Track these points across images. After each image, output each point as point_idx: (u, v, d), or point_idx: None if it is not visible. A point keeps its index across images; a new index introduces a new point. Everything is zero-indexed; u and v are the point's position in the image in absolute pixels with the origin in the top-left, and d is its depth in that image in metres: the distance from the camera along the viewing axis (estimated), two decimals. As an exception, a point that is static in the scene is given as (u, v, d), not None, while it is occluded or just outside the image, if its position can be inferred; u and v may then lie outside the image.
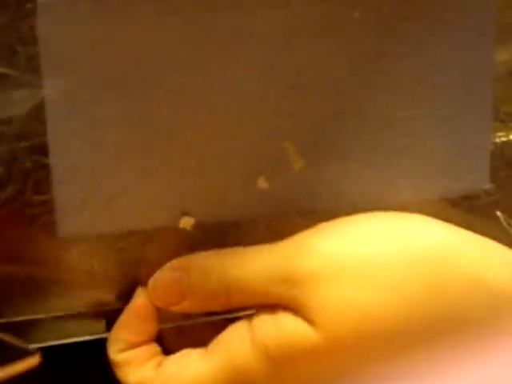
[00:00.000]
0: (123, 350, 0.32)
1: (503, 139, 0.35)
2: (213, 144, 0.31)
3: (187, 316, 0.33)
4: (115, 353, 0.32)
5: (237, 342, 0.32)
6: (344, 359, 0.30)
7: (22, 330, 0.32)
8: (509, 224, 0.36)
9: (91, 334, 0.33)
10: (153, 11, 0.29)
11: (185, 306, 0.32)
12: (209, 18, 0.30)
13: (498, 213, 0.36)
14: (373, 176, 0.33)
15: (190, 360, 0.32)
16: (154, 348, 0.33)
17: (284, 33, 0.31)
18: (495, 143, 0.35)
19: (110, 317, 0.33)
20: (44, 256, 0.31)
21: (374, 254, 0.30)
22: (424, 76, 0.33)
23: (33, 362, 0.32)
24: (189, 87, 0.31)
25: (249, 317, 0.32)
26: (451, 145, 0.34)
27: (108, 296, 0.33)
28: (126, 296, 0.33)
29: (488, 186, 0.35)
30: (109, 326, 0.33)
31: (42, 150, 0.30)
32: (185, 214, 0.32)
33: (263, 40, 0.31)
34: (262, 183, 0.32)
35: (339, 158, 0.33)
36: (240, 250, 0.32)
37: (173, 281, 0.32)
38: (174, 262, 0.32)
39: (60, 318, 0.33)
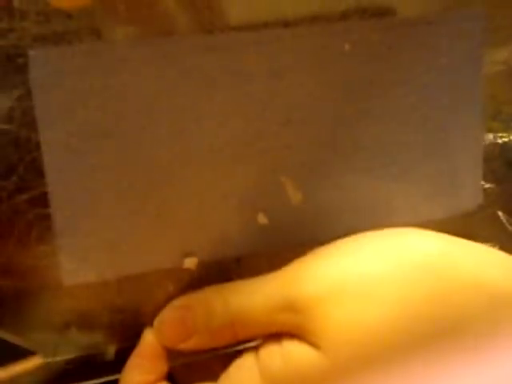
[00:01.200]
0: None
1: (504, 140, 0.36)
2: (211, 184, 0.32)
3: (196, 352, 0.33)
4: (128, 394, 0.33)
5: (246, 375, 0.32)
6: (351, 379, 0.30)
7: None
8: (510, 224, 0.37)
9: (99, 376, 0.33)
10: (144, 58, 0.30)
11: (192, 344, 0.32)
12: (200, 59, 0.30)
13: (500, 212, 0.36)
14: (370, 202, 0.34)
15: None
16: None
17: (276, 69, 0.31)
18: (495, 144, 0.36)
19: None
20: (48, 304, 0.32)
21: (371, 272, 0.30)
22: (415, 102, 0.33)
23: (34, 362, 0.32)
24: (184, 130, 0.31)
25: (255, 348, 0.32)
26: (444, 167, 0.34)
27: (111, 338, 0.33)
28: (132, 337, 0.33)
29: (481, 202, 0.36)
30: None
31: (43, 201, 0.30)
32: (188, 254, 0.32)
33: (255, 77, 0.31)
34: (262, 219, 0.33)
35: (336, 187, 0.33)
36: (241, 283, 0.32)
37: (177, 319, 0.32)
38: (178, 301, 0.33)
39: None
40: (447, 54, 0.33)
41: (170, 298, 0.33)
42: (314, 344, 0.30)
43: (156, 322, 0.33)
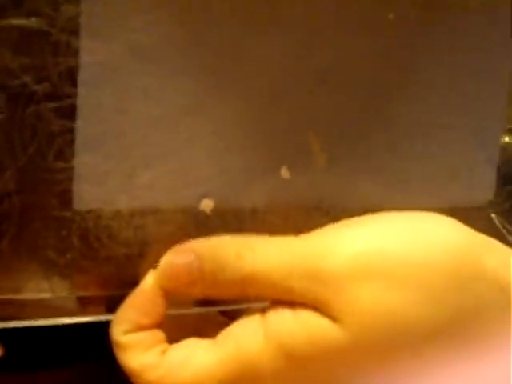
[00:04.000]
0: (128, 332, 0.31)
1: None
2: (241, 128, 0.31)
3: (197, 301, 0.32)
4: (120, 334, 0.31)
5: (248, 335, 0.30)
6: (368, 358, 0.29)
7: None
8: (503, 226, 0.37)
9: (91, 316, 0.32)
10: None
11: (195, 292, 0.31)
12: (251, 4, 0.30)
13: (493, 215, 0.37)
14: (389, 179, 0.34)
15: (197, 350, 0.31)
16: (160, 334, 0.31)
17: (319, 27, 0.31)
18: None
19: (112, 301, 0.32)
20: (53, 225, 0.30)
21: (400, 254, 0.29)
22: (446, 85, 0.34)
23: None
24: (223, 68, 0.30)
25: (262, 310, 0.31)
26: (464, 155, 0.35)
27: (114, 276, 0.32)
28: (133, 276, 0.32)
29: (491, 198, 0.36)
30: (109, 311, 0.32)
31: (70, 113, 0.29)
32: (205, 196, 0.31)
33: (299, 30, 0.31)
34: (285, 173, 0.32)
35: (360, 157, 0.33)
36: (259, 239, 0.31)
37: (184, 265, 0.31)
38: (188, 245, 0.31)
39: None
40: (481, 40, 0.34)
41: (178, 241, 0.31)
42: (334, 318, 0.29)
43: (162, 263, 0.31)
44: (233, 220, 0.32)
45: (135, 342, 0.31)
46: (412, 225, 0.31)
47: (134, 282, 0.32)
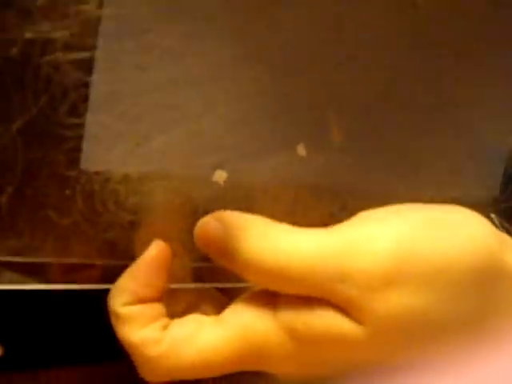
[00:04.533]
0: (128, 304, 0.29)
1: None
2: (260, 99, 0.30)
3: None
4: (119, 305, 0.29)
5: (256, 315, 0.29)
6: (384, 353, 0.29)
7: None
8: (502, 226, 0.37)
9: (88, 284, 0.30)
10: None
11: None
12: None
13: (492, 215, 0.36)
14: (403, 164, 0.33)
15: (202, 326, 0.30)
16: (160, 308, 0.30)
17: (351, 4, 0.31)
18: None
19: (111, 271, 0.30)
20: (58, 183, 0.28)
21: (431, 256, 0.28)
22: (469, 78, 0.33)
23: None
24: (250, 36, 0.29)
25: (272, 292, 0.30)
26: (477, 150, 0.34)
27: (116, 244, 0.30)
28: (137, 246, 0.30)
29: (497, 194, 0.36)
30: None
31: (87, 67, 0.27)
32: (219, 167, 0.30)
33: (330, 3, 0.30)
34: (301, 150, 0.31)
35: (378, 139, 0.32)
36: (285, 229, 0.29)
37: (212, 235, 0.29)
38: (219, 214, 0.30)
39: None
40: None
41: (187, 211, 0.30)
42: (355, 317, 0.28)
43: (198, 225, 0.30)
44: (244, 194, 0.31)
45: (136, 314, 0.29)
46: (440, 222, 0.30)
47: (136, 252, 0.30)
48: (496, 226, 0.36)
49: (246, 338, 0.29)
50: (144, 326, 0.29)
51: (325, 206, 0.32)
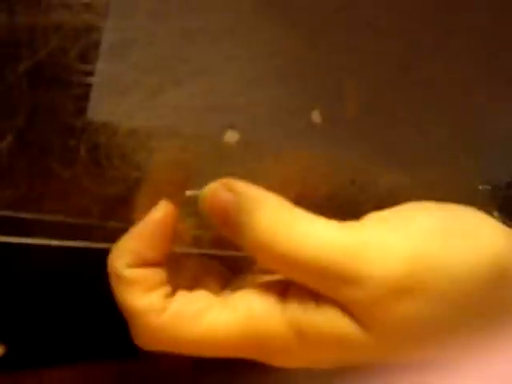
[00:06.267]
0: (131, 266, 0.28)
1: None
2: (277, 60, 0.29)
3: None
4: (122, 266, 0.28)
5: (265, 306, 0.29)
6: (388, 357, 0.28)
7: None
8: (506, 224, 0.36)
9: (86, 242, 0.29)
10: None
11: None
12: None
13: (495, 213, 0.36)
14: (415, 144, 0.32)
15: (210, 305, 0.29)
16: (163, 274, 0.29)
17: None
18: None
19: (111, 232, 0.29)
20: (63, 132, 0.27)
21: (446, 266, 0.28)
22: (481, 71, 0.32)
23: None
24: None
25: (282, 282, 0.29)
26: (490, 134, 0.34)
27: (118, 202, 0.29)
28: (141, 206, 0.29)
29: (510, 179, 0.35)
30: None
31: (101, 10, 0.26)
32: (231, 127, 0.29)
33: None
34: (316, 117, 0.30)
35: (392, 115, 0.31)
36: (306, 215, 0.28)
37: (221, 205, 0.28)
38: (232, 183, 0.28)
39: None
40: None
41: (195, 170, 0.29)
42: (362, 322, 0.28)
43: (206, 189, 0.29)
44: (255, 157, 0.29)
45: (139, 277, 0.28)
46: (454, 231, 0.29)
47: (137, 212, 0.29)
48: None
49: (252, 326, 0.28)
50: (148, 292, 0.28)
51: (335, 177, 0.30)
